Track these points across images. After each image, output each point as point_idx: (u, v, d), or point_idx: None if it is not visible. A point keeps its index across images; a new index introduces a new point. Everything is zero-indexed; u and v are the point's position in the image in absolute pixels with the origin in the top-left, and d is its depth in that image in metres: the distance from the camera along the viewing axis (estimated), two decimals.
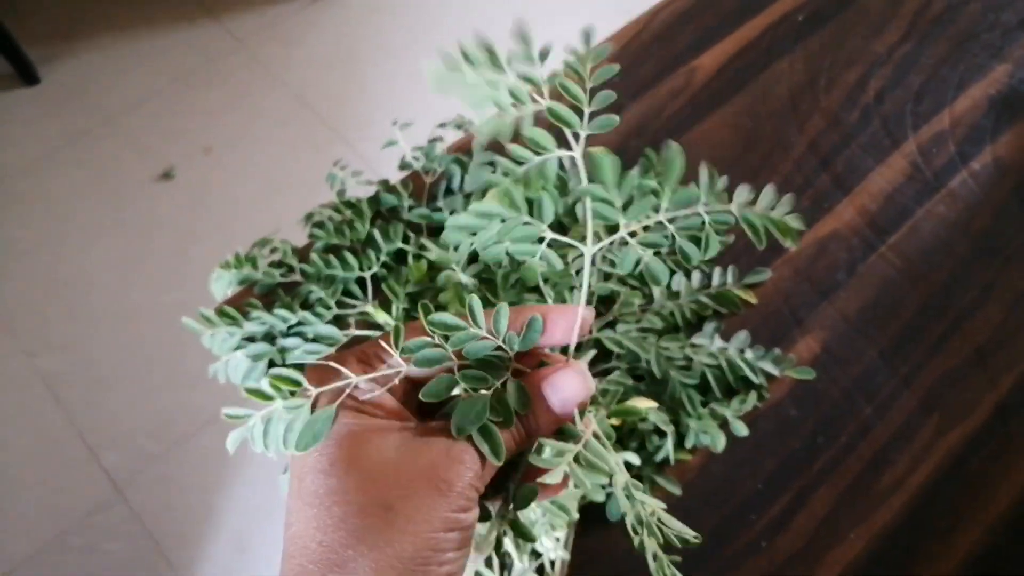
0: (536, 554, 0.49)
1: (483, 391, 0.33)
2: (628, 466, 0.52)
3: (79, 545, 1.26)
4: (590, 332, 0.48)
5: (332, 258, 0.60)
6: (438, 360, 0.33)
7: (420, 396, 0.33)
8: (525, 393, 0.33)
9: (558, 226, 0.62)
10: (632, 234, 0.37)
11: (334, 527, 0.30)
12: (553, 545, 0.50)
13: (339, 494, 0.30)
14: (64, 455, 1.34)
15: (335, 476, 0.31)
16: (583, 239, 0.37)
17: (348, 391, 0.32)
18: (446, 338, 0.33)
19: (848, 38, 0.75)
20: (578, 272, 0.56)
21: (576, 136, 0.33)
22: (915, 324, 0.62)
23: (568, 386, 0.34)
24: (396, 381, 0.33)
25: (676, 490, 0.55)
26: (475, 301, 0.33)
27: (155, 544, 1.27)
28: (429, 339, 0.33)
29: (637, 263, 0.35)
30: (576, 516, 0.49)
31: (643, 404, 0.51)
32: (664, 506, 0.35)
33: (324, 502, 0.30)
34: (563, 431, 0.34)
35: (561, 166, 0.66)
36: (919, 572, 0.53)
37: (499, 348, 0.34)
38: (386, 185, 0.65)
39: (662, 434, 0.54)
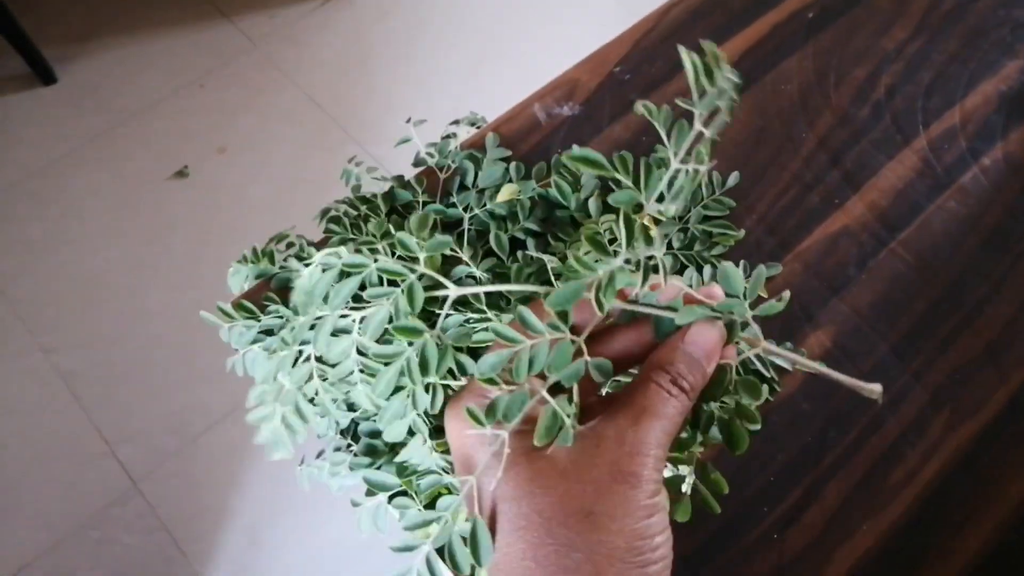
0: None
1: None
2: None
3: (96, 538, 1.28)
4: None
5: None
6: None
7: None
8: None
9: (570, 220, 0.63)
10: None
11: (539, 544, 0.31)
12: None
13: (533, 514, 0.31)
14: (81, 450, 1.35)
15: (523, 498, 0.31)
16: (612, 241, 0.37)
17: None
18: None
19: (858, 35, 0.75)
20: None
21: None
22: (926, 319, 0.62)
23: (704, 335, 0.35)
24: (542, 391, 0.33)
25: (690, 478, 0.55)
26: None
27: (170, 537, 1.28)
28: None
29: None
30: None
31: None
32: None
33: (520, 524, 0.31)
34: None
35: None
36: (931, 566, 0.54)
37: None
38: (401, 181, 0.66)
39: None
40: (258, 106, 1.76)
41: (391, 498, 0.51)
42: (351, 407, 0.54)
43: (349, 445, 0.52)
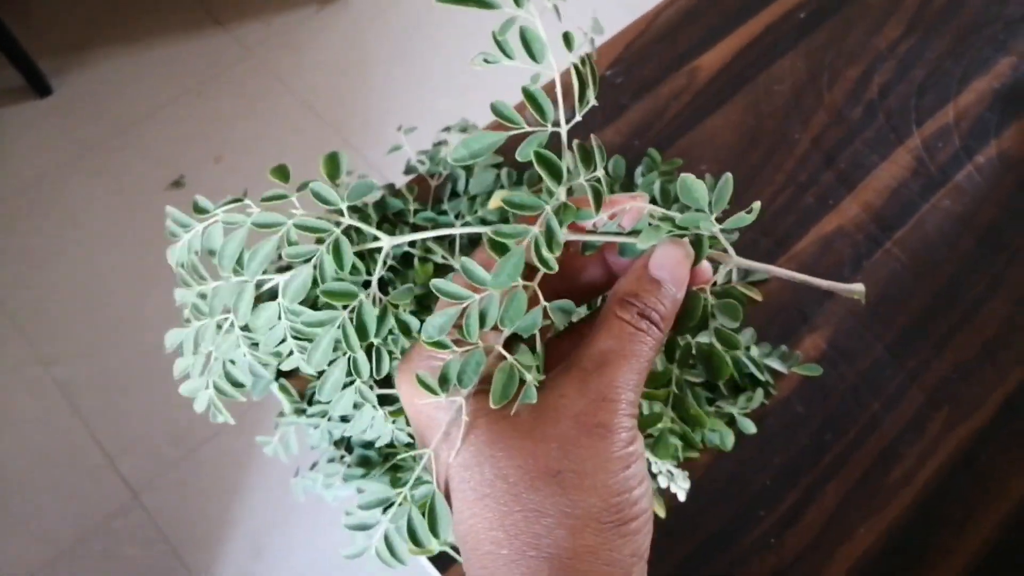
0: None
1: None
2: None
3: (97, 550, 1.27)
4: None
5: None
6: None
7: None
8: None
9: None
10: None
11: (508, 512, 0.28)
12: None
13: (498, 480, 0.28)
14: (81, 462, 1.35)
15: (485, 463, 0.29)
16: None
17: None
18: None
19: (850, 34, 0.75)
20: None
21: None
22: (922, 319, 0.62)
23: (670, 256, 0.31)
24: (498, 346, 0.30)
25: (685, 485, 0.55)
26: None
27: (172, 548, 1.28)
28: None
29: None
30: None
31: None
32: None
33: (485, 492, 0.29)
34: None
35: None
36: (931, 566, 0.53)
37: None
38: (392, 189, 0.66)
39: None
40: (254, 113, 1.76)
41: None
42: (344, 418, 0.54)
43: (342, 456, 0.52)
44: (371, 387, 0.40)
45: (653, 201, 0.64)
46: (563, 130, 0.31)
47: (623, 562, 0.28)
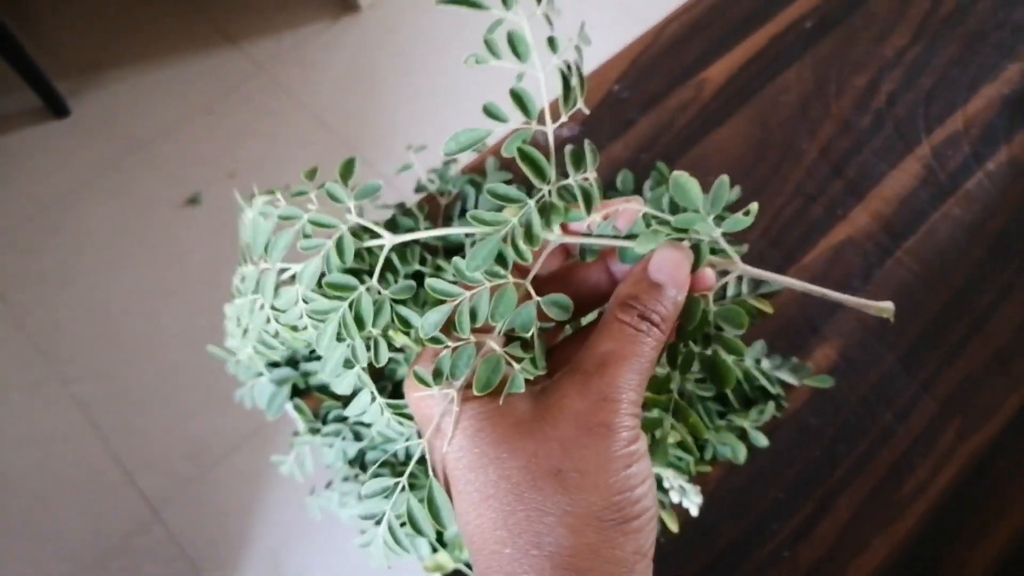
0: None
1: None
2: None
3: (118, 568, 1.29)
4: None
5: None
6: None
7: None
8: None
9: None
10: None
11: (511, 512, 0.29)
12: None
13: (502, 480, 0.29)
14: (101, 479, 1.37)
15: (489, 465, 0.29)
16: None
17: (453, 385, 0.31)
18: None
19: (856, 43, 0.75)
20: None
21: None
22: (933, 328, 0.61)
23: (668, 259, 0.31)
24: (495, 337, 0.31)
25: (697, 499, 0.55)
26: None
27: (192, 565, 1.29)
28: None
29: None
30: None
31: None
32: None
33: (489, 492, 0.29)
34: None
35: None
36: None
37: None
38: (402, 208, 0.66)
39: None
40: (267, 129, 1.78)
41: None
42: (358, 436, 0.54)
43: (357, 475, 0.53)
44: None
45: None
46: (549, 129, 0.32)
47: (626, 560, 0.29)
